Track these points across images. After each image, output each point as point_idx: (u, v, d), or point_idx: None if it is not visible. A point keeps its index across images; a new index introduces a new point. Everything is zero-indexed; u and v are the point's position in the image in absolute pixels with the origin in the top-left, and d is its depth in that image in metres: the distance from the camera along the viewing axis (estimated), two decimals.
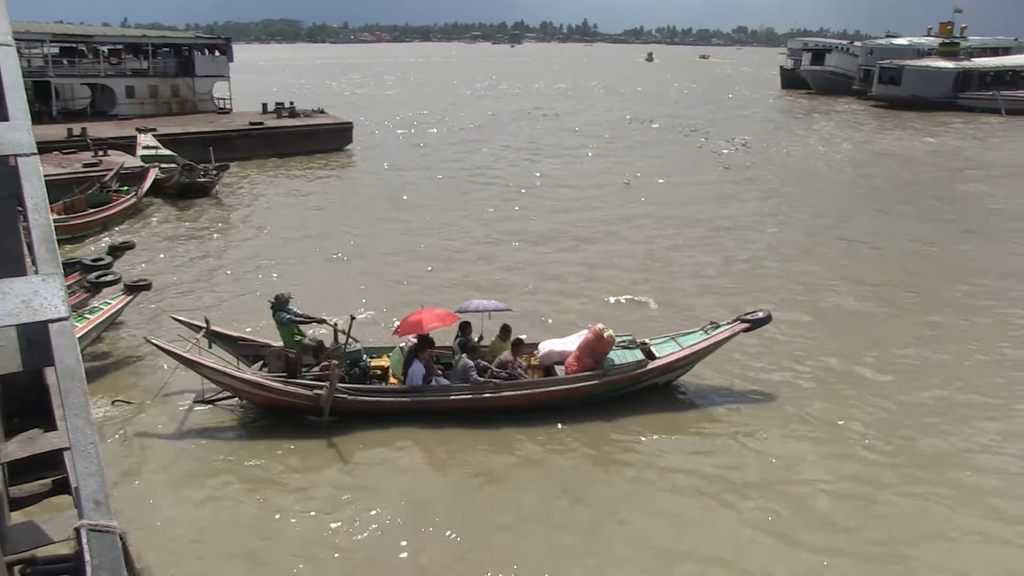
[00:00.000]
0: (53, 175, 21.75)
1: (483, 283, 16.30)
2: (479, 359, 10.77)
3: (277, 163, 31.14)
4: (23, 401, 3.55)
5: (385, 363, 11.08)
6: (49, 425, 3.43)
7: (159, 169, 23.76)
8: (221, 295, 15.48)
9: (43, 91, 32.95)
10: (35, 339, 2.76)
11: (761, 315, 11.46)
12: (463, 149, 36.40)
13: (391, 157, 33.84)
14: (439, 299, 14.15)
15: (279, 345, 11.13)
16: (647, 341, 11.48)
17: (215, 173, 24.78)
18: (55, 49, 35.76)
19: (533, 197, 25.70)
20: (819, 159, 35.12)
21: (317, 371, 10.57)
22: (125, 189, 21.88)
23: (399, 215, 22.77)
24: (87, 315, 11.77)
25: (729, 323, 11.48)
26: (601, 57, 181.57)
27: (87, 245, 18.66)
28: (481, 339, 11.54)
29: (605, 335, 10.66)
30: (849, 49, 72.27)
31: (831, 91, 68.87)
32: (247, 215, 22.96)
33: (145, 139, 27.57)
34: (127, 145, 27.04)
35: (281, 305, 11.16)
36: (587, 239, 20.29)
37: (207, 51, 38.47)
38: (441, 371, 10.81)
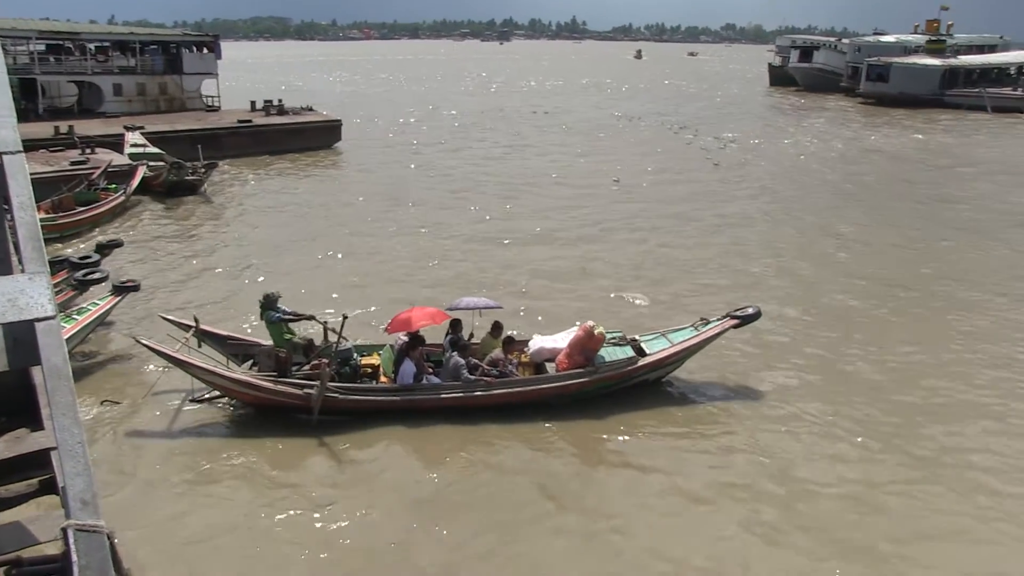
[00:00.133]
0: (40, 173, 21.60)
1: (473, 281, 16.27)
2: (470, 357, 10.76)
3: (266, 161, 30.99)
4: (9, 400, 3.52)
5: (375, 361, 11.05)
6: (36, 425, 3.40)
7: (147, 167, 23.64)
8: (210, 294, 15.40)
9: (29, 88, 32.69)
10: (21, 338, 2.75)
11: (751, 311, 11.49)
12: (452, 147, 36.35)
13: (380, 155, 33.76)
14: (429, 297, 14.17)
15: (269, 344, 11.09)
16: (637, 338, 11.49)
17: (203, 171, 24.67)
18: (41, 46, 35.43)
19: (523, 195, 25.68)
20: (808, 156, 35.26)
21: (307, 370, 10.54)
22: (113, 187, 21.76)
23: (389, 213, 22.72)
24: (75, 316, 11.67)
25: (719, 319, 11.50)
26: (590, 54, 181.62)
27: (75, 244, 18.52)
28: (472, 337, 11.53)
29: (595, 332, 10.67)
30: (837, 46, 72.63)
31: (819, 88, 69.15)
32: (236, 213, 22.86)
33: (133, 137, 27.39)
34: (115, 143, 26.87)
35: (270, 304, 11.11)
36: (577, 237, 20.30)
37: (195, 48, 38.22)
38: (432, 369, 10.79)
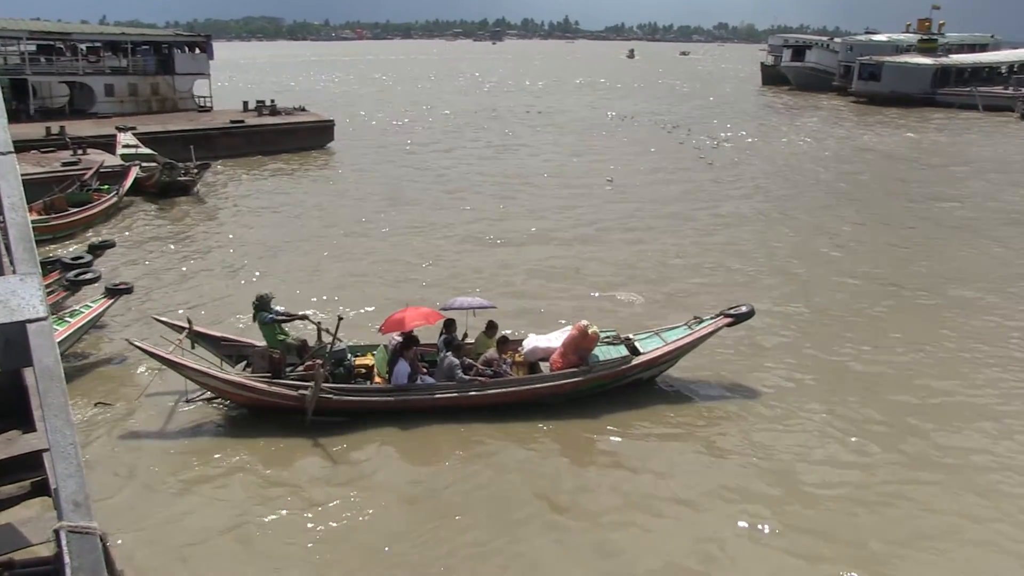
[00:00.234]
0: (31, 174, 21.55)
1: (467, 281, 16.27)
2: (464, 357, 10.75)
3: (259, 161, 30.93)
4: (1, 402, 3.51)
5: (369, 362, 11.03)
6: (28, 426, 3.38)
7: (140, 168, 23.56)
8: (204, 295, 15.35)
9: (20, 89, 32.52)
10: (13, 339, 2.73)
11: (744, 310, 11.51)
12: (446, 147, 36.32)
13: (373, 155, 33.72)
14: (423, 297, 14.15)
15: (263, 345, 11.06)
16: (631, 337, 11.50)
17: (196, 172, 24.61)
18: (32, 47, 35.29)
19: (516, 195, 25.69)
20: (802, 155, 35.35)
21: (301, 371, 10.52)
22: (106, 188, 21.69)
23: (382, 213, 22.69)
24: (68, 318, 11.61)
25: (712, 318, 11.51)
26: (583, 54, 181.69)
27: (68, 245, 18.42)
28: (466, 336, 11.52)
29: (589, 331, 10.67)
30: (829, 46, 72.88)
31: (811, 87, 69.38)
32: (229, 214, 22.80)
33: (125, 138, 27.27)
34: (106, 144, 26.75)
35: (263, 305, 11.07)
36: (570, 236, 20.30)
37: (187, 49, 38.10)
38: (426, 369, 10.78)
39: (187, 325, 10.99)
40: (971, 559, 7.85)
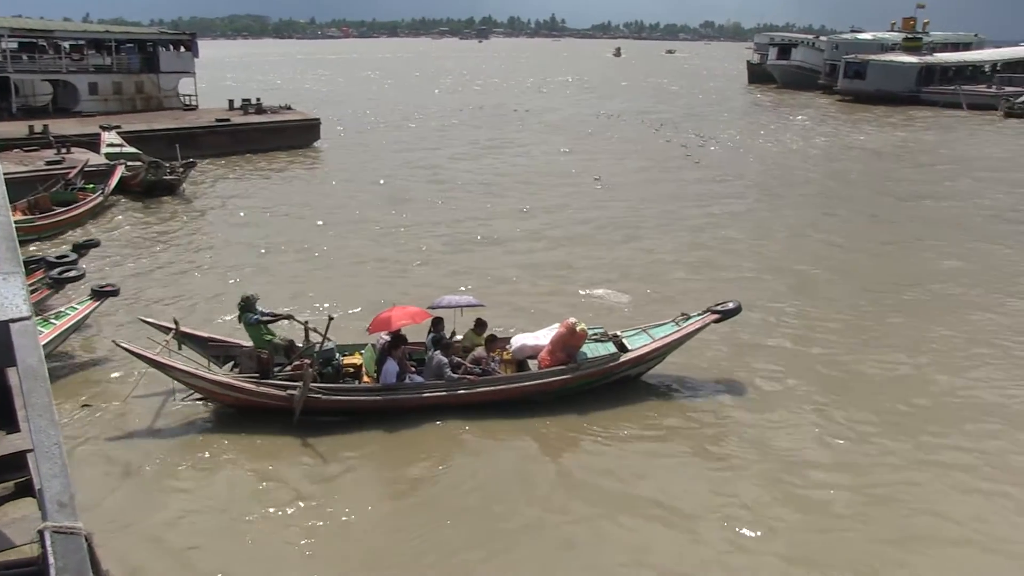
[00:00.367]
0: (14, 173, 21.36)
1: (455, 279, 16.23)
2: (452, 355, 10.74)
3: (244, 160, 30.77)
4: None
5: (357, 361, 10.99)
6: (12, 427, 3.35)
7: (125, 167, 23.39)
8: (191, 296, 15.25)
9: (2, 87, 32.27)
10: None
11: (731, 306, 11.53)
12: (432, 145, 36.24)
13: (359, 153, 33.62)
14: (411, 296, 14.11)
15: (250, 345, 11.00)
16: (619, 334, 11.51)
17: (182, 171, 24.43)
18: (14, 44, 34.97)
19: (504, 193, 25.69)
20: (788, 153, 35.53)
21: (290, 371, 10.47)
22: (91, 187, 21.52)
23: (369, 212, 22.62)
24: (53, 320, 11.50)
25: (700, 314, 11.52)
26: (569, 52, 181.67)
27: (57, 245, 18.25)
28: (454, 335, 11.51)
29: (577, 329, 10.68)
30: (815, 44, 73.23)
31: (797, 85, 69.70)
32: (215, 213, 22.66)
33: (109, 136, 27.07)
34: (90, 143, 26.55)
35: (248, 306, 11.00)
36: (558, 234, 20.31)
37: (172, 47, 37.86)
38: (415, 368, 10.76)
39: (174, 326, 10.91)
40: (967, 560, 7.78)
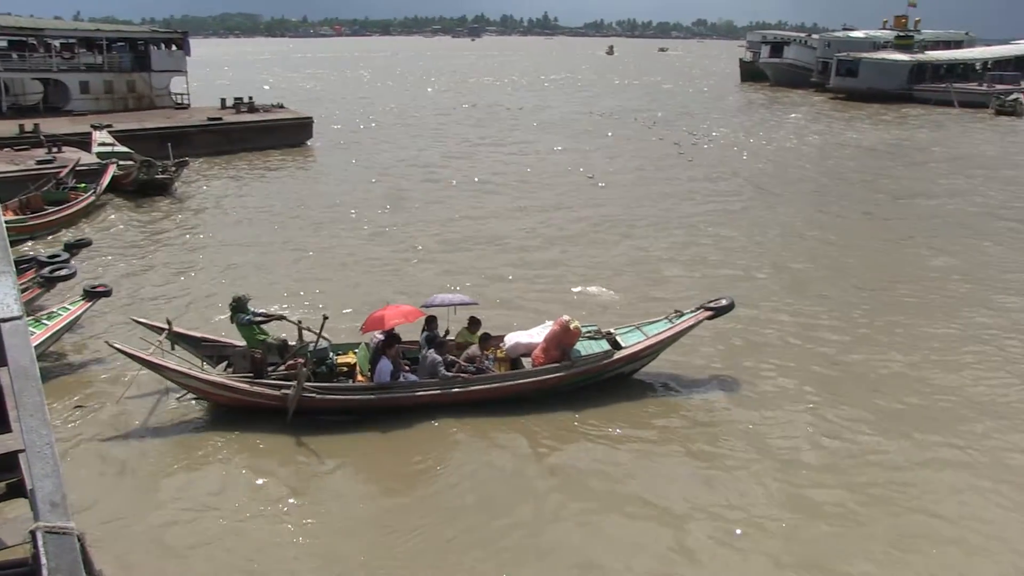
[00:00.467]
0: (5, 172, 21.27)
1: (448, 277, 16.22)
2: (446, 353, 10.73)
3: (237, 159, 30.65)
4: None
5: (351, 360, 10.96)
6: (3, 427, 3.33)
7: (116, 166, 23.27)
8: (184, 295, 15.18)
9: None
10: None
11: (724, 303, 11.54)
12: (424, 144, 36.17)
13: (352, 152, 33.54)
14: (405, 295, 14.10)
15: (244, 345, 10.95)
16: (612, 331, 11.52)
17: (174, 170, 24.33)
18: (3, 43, 34.78)
19: (497, 191, 25.66)
20: (781, 150, 35.61)
21: (283, 370, 10.45)
22: (83, 186, 21.40)
23: (362, 211, 22.58)
24: (45, 320, 11.45)
25: (693, 311, 11.53)
26: (562, 50, 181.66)
27: (45, 244, 18.17)
28: (447, 333, 11.50)
29: (571, 326, 10.68)
30: (807, 42, 73.42)
31: (790, 83, 69.84)
32: (208, 213, 22.57)
33: (100, 136, 26.95)
34: (82, 142, 26.38)
35: (240, 307, 10.94)
36: (551, 232, 20.31)
37: (163, 45, 37.70)
38: (408, 367, 10.75)
39: (166, 326, 10.87)
40: (960, 559, 7.77)
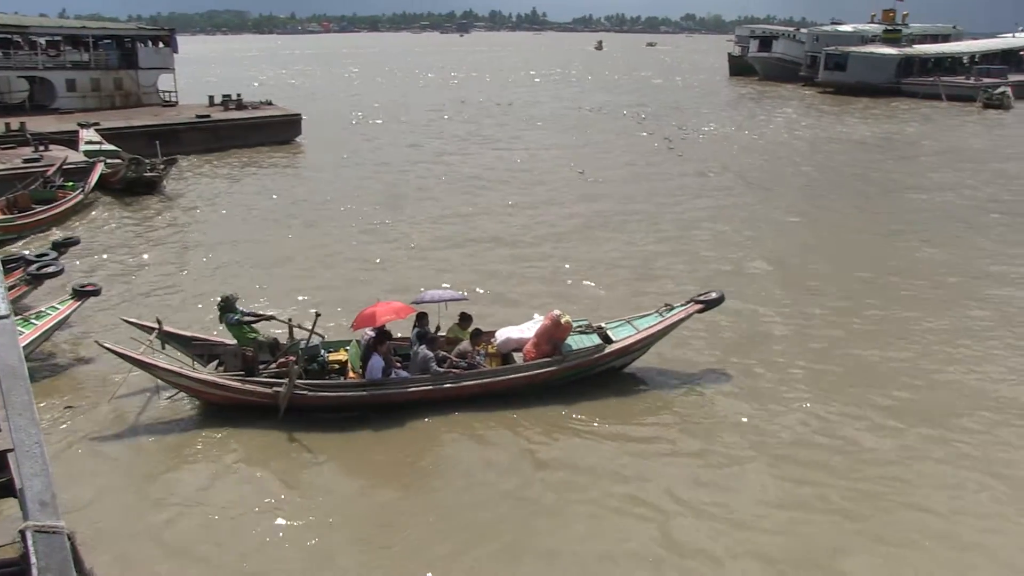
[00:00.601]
0: None
1: (439, 274, 16.20)
2: (438, 349, 10.73)
3: (225, 156, 30.52)
4: None
5: (343, 357, 10.96)
6: None
7: (105, 164, 23.13)
8: (174, 294, 15.12)
9: None
10: None
11: (714, 296, 11.60)
12: (414, 141, 36.06)
13: (341, 149, 33.38)
14: (395, 292, 14.06)
15: (235, 344, 10.94)
16: (603, 325, 11.56)
17: (163, 168, 24.19)
18: None
19: (487, 188, 25.63)
20: (771, 145, 35.68)
21: (275, 368, 10.43)
22: (71, 185, 21.26)
23: (351, 208, 22.52)
24: (34, 320, 11.38)
25: (683, 305, 11.58)
26: (551, 46, 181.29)
27: (33, 243, 18.06)
28: (439, 329, 11.50)
29: (562, 321, 10.70)
30: (795, 36, 73.43)
31: (778, 77, 69.90)
32: (197, 211, 22.46)
33: (87, 134, 26.77)
34: (69, 140, 26.22)
35: (228, 306, 10.91)
36: (542, 228, 20.31)
37: (151, 43, 37.50)
38: (400, 363, 10.75)
39: (157, 325, 10.82)
40: (952, 554, 7.78)
